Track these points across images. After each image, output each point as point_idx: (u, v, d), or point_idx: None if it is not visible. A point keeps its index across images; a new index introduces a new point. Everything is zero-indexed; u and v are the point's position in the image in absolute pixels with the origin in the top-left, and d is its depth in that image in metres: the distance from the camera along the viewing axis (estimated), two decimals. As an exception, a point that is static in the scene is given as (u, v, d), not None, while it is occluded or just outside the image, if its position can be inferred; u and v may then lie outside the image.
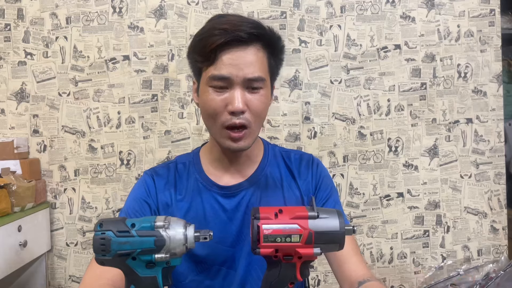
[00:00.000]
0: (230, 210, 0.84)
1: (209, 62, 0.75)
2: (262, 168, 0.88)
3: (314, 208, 0.59)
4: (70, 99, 1.64)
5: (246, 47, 0.75)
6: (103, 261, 0.56)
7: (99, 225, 0.56)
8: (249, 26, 0.75)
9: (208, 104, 0.76)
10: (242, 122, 0.76)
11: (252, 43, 0.75)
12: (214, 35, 0.73)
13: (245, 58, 0.74)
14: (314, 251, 0.58)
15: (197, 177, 0.87)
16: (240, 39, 0.73)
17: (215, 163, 0.87)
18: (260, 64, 0.77)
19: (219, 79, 0.74)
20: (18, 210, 1.43)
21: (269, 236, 0.57)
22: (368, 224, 1.68)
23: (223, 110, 0.75)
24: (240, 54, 0.74)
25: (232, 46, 0.74)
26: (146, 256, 0.56)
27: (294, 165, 0.90)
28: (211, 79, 0.75)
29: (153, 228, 0.56)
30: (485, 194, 1.69)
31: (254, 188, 0.86)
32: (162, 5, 1.63)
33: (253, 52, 0.75)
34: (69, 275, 1.65)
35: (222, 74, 0.74)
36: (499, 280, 1.48)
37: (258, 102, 0.77)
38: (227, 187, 0.85)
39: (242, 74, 0.74)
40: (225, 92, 0.75)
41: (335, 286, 1.65)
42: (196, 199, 0.85)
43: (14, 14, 1.63)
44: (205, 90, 0.77)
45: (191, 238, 0.57)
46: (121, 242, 0.55)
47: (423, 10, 1.66)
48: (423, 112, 1.68)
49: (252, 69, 0.75)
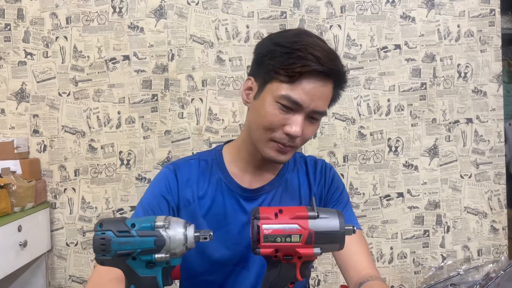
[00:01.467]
0: (250, 212, 0.84)
1: (288, 80, 0.74)
2: (283, 173, 0.90)
3: (314, 208, 0.59)
4: (70, 99, 1.64)
5: (326, 81, 0.75)
6: (103, 261, 0.56)
7: (99, 225, 0.56)
8: (333, 61, 0.74)
9: (268, 117, 0.76)
10: (291, 145, 0.77)
11: (331, 79, 0.76)
12: (307, 60, 0.72)
13: (322, 92, 0.75)
14: (314, 251, 0.58)
15: (220, 176, 0.87)
16: (324, 73, 0.73)
17: (240, 164, 0.87)
18: (329, 99, 0.78)
19: (292, 102, 0.74)
20: (18, 210, 1.43)
21: (269, 236, 0.57)
22: (368, 224, 1.68)
23: (279, 128, 0.76)
24: (320, 87, 0.74)
25: (315, 77, 0.73)
26: (146, 256, 0.56)
27: (311, 170, 0.93)
28: (283, 97, 0.74)
29: (153, 228, 0.56)
30: (485, 194, 1.69)
31: (274, 192, 0.87)
32: (162, 5, 1.63)
33: (328, 88, 0.76)
34: (69, 275, 1.65)
35: (297, 100, 0.73)
36: (499, 280, 1.48)
37: (311, 131, 0.79)
38: (249, 190, 0.86)
39: (313, 105, 0.74)
40: (289, 113, 0.75)
41: (335, 286, 1.65)
42: (218, 198, 0.86)
43: (14, 14, 1.63)
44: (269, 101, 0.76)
45: (191, 238, 0.57)
46: (121, 242, 0.55)
47: (423, 10, 1.66)
48: (423, 112, 1.68)
49: (323, 104, 0.76)
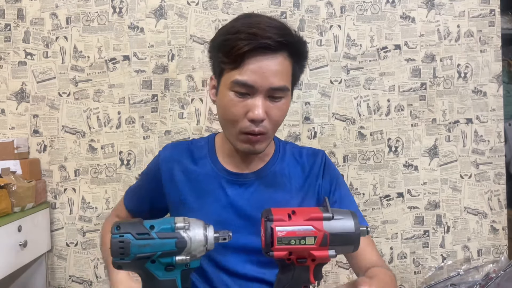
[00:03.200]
0: (232, 196, 0.85)
1: (233, 65, 0.73)
2: (272, 164, 0.88)
3: (328, 209, 0.57)
4: (70, 99, 1.64)
5: (274, 56, 0.72)
6: (121, 265, 0.54)
7: (116, 228, 0.54)
8: (278, 33, 0.72)
9: (228, 108, 0.75)
10: (261, 130, 0.75)
11: (280, 52, 0.73)
12: (241, 40, 0.70)
13: (272, 67, 0.72)
14: (329, 253, 0.56)
15: (208, 158, 0.89)
16: (269, 47, 0.71)
17: (226, 158, 0.88)
18: (285, 73, 0.75)
19: (243, 85, 0.72)
20: (18, 210, 1.42)
21: (283, 239, 0.55)
22: (368, 224, 1.67)
23: (243, 117, 0.74)
24: (267, 62, 0.72)
25: (259, 53, 0.71)
26: (166, 259, 0.54)
27: (307, 163, 0.89)
28: (234, 83, 0.73)
29: (174, 229, 0.54)
30: (485, 194, 1.69)
31: (260, 182, 0.86)
32: (162, 5, 1.63)
33: (280, 61, 0.73)
34: (69, 275, 1.64)
35: (247, 81, 0.72)
36: (499, 280, 1.48)
37: (278, 111, 0.76)
38: (234, 173, 0.86)
39: (267, 83, 0.72)
40: (247, 98, 0.74)
41: (335, 286, 1.65)
42: (202, 175, 0.87)
43: (14, 14, 1.62)
44: (225, 93, 0.75)
45: (211, 239, 0.56)
46: (141, 245, 0.53)
47: (423, 10, 1.66)
48: (423, 112, 1.67)
49: (278, 79, 0.73)
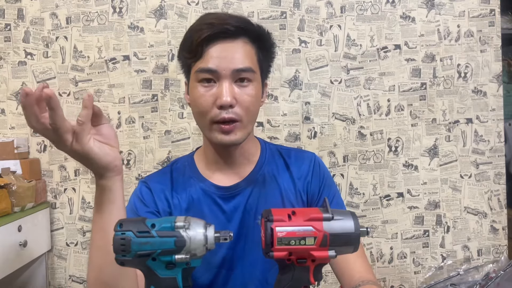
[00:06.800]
0: (228, 211, 0.83)
1: (196, 57, 0.74)
2: (260, 167, 0.86)
3: (328, 210, 0.57)
4: (70, 99, 1.64)
5: (234, 40, 0.74)
6: (123, 262, 0.55)
7: (119, 225, 0.55)
8: (236, 20, 0.74)
9: (197, 100, 0.75)
10: (232, 117, 0.74)
11: (240, 37, 0.75)
12: (201, 30, 0.73)
13: (232, 49, 0.74)
14: (329, 254, 0.56)
15: (194, 179, 0.85)
16: (227, 32, 0.73)
17: (211, 166, 0.85)
18: (248, 56, 0.75)
19: (206, 71, 0.73)
20: (18, 210, 1.43)
21: (283, 239, 0.55)
22: (368, 224, 1.68)
23: (212, 106, 0.74)
24: (227, 46, 0.73)
25: (219, 39, 0.73)
26: (166, 257, 0.55)
27: (295, 164, 0.88)
28: (198, 72, 0.74)
29: (174, 228, 0.55)
30: (485, 194, 1.69)
31: (252, 188, 0.84)
32: (162, 5, 1.63)
33: (240, 44, 0.75)
34: (69, 275, 1.65)
35: (209, 67, 0.73)
36: (499, 280, 1.48)
37: (247, 96, 0.75)
38: (224, 188, 0.83)
39: (230, 66, 0.73)
40: (213, 86, 0.74)
41: (335, 286, 1.65)
42: (194, 201, 0.83)
43: (14, 14, 1.63)
44: (194, 87, 0.76)
45: (211, 239, 0.56)
46: (142, 243, 0.54)
47: (423, 10, 1.66)
48: (423, 112, 1.67)
49: (241, 61, 0.74)
